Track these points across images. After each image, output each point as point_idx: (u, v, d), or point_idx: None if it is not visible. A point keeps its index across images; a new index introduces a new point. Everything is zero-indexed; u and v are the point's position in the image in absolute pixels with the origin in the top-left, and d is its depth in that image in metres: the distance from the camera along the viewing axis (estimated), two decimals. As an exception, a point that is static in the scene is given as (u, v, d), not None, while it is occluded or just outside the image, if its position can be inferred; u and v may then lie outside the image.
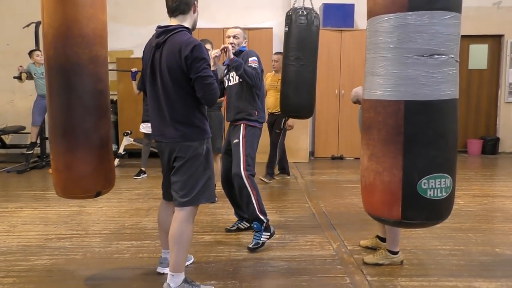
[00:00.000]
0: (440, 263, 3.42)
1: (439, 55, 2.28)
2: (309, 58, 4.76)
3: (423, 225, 2.53)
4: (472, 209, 4.85)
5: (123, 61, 8.06)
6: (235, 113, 3.77)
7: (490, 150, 8.63)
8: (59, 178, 2.91)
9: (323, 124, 8.12)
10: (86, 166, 2.85)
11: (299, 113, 4.93)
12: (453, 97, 2.36)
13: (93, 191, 2.94)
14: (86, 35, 2.76)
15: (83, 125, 2.83)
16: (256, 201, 3.63)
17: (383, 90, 2.39)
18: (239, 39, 3.82)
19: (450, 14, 2.27)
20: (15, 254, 3.61)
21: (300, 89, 4.73)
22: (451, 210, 2.50)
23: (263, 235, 3.65)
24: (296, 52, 4.71)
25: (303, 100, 4.78)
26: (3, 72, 8.41)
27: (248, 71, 3.59)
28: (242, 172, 3.63)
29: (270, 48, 8.03)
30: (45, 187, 5.98)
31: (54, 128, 2.87)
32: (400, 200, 2.37)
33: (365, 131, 2.55)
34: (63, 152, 2.84)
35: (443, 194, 2.38)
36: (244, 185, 3.62)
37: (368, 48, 2.49)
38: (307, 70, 4.75)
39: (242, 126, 3.73)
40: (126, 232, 4.11)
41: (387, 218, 2.46)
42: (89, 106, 2.84)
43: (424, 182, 2.34)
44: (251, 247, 3.60)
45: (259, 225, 3.63)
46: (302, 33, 4.71)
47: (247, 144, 3.70)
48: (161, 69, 2.73)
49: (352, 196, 5.36)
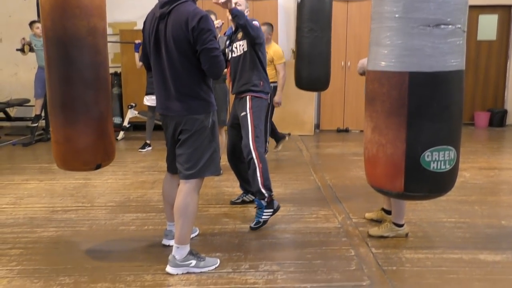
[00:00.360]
0: (445, 236, 3.42)
1: (445, 25, 2.21)
2: (323, 29, 4.67)
3: (426, 197, 2.52)
4: (478, 182, 4.82)
5: (126, 33, 7.96)
6: (240, 84, 3.71)
7: (498, 123, 8.53)
8: (59, 151, 2.90)
9: (329, 97, 8.03)
10: (86, 138, 2.84)
11: (315, 86, 4.86)
12: (459, 68, 2.31)
13: (93, 164, 2.92)
14: (84, 6, 2.69)
15: (82, 97, 2.80)
16: (260, 174, 3.58)
17: (387, 61, 2.34)
18: (241, 7, 3.69)
19: None
20: (21, 226, 3.64)
21: (315, 61, 4.65)
22: (454, 182, 2.48)
23: (265, 212, 3.56)
24: (309, 23, 4.61)
25: (318, 72, 4.71)
26: (6, 44, 8.35)
27: (250, 22, 3.49)
28: (251, 143, 3.59)
29: (275, 20, 7.88)
30: (51, 160, 5.95)
31: (53, 100, 2.84)
32: (403, 173, 2.35)
33: (368, 103, 2.51)
34: (63, 124, 2.82)
35: (447, 167, 2.36)
36: (251, 157, 3.58)
37: (373, 17, 2.43)
38: (322, 42, 4.67)
39: (248, 98, 3.66)
40: (132, 205, 4.13)
41: (390, 190, 2.45)
42: (88, 79, 2.80)
43: (427, 155, 2.31)
44: (253, 227, 3.53)
45: (259, 201, 3.57)
46: (315, 4, 4.60)
47: (254, 115, 3.64)
48: (166, 41, 2.68)
49: (358, 169, 5.34)
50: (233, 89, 3.83)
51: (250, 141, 3.59)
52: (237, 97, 3.79)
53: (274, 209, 3.62)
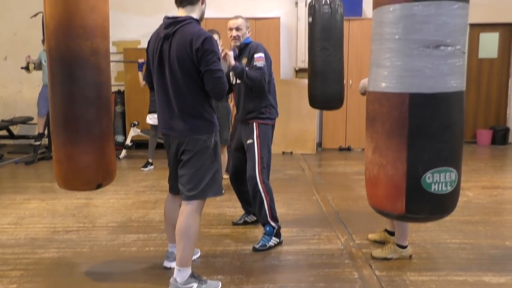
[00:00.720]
0: (449, 257, 3.39)
1: (445, 46, 2.22)
2: (336, 47, 4.68)
3: (428, 219, 2.49)
4: (481, 201, 4.79)
5: (130, 51, 8.03)
6: (246, 112, 3.65)
7: (500, 141, 8.51)
8: (60, 170, 2.90)
9: (331, 115, 8.03)
10: (87, 157, 2.84)
11: (330, 104, 4.86)
12: (459, 90, 2.31)
13: (93, 183, 2.92)
14: (88, 26, 2.72)
15: (84, 116, 2.81)
16: (268, 207, 3.54)
17: (387, 82, 2.34)
18: (242, 30, 3.63)
19: (457, 4, 2.21)
20: (22, 246, 3.62)
21: (328, 79, 4.66)
22: (456, 204, 2.46)
23: (272, 239, 3.55)
24: (322, 42, 4.63)
25: (332, 90, 4.71)
26: (11, 62, 8.42)
27: (252, 76, 3.43)
28: (257, 176, 3.53)
29: (277, 38, 7.95)
30: (53, 179, 5.90)
31: (55, 119, 2.86)
32: (404, 194, 2.33)
33: (369, 123, 2.51)
34: (64, 143, 2.83)
35: (448, 188, 2.34)
36: (258, 189, 3.53)
37: (374, 39, 2.45)
38: (335, 60, 4.68)
39: (255, 125, 3.60)
40: (133, 225, 4.11)
41: (391, 212, 2.43)
42: (90, 98, 2.81)
43: (428, 176, 2.29)
44: (256, 248, 3.50)
45: (271, 229, 3.55)
46: (326, 22, 4.62)
47: (261, 145, 3.58)
48: (170, 61, 2.70)
49: (360, 189, 5.31)
50: (238, 115, 3.77)
51: (256, 173, 3.53)
52: (243, 122, 3.73)
53: (280, 241, 3.59)
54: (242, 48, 3.65)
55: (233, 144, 3.96)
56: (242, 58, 3.65)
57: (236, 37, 3.61)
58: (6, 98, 8.77)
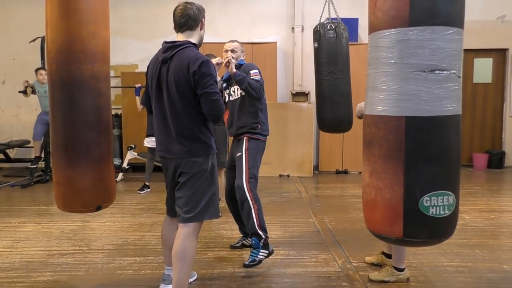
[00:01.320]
0: (447, 280, 3.37)
1: (440, 70, 2.26)
2: (343, 70, 4.76)
3: (426, 243, 2.47)
4: (478, 225, 4.79)
5: (128, 75, 8.09)
6: (237, 128, 3.75)
7: (496, 164, 8.56)
8: (59, 192, 2.92)
9: (328, 138, 8.08)
10: (87, 180, 2.86)
11: (339, 127, 4.89)
12: (455, 113, 2.34)
13: (93, 205, 2.94)
14: (89, 51, 2.78)
15: (84, 139, 2.84)
16: (256, 216, 3.55)
17: (384, 105, 2.37)
18: (237, 53, 3.78)
19: (452, 29, 2.26)
20: (17, 270, 3.58)
21: (337, 102, 4.71)
22: (454, 228, 2.45)
23: (261, 252, 3.53)
24: (328, 66, 4.70)
25: (341, 113, 4.76)
26: (9, 86, 8.47)
27: (253, 84, 3.56)
28: (245, 185, 3.58)
29: (274, 62, 8.04)
30: (49, 202, 5.97)
31: (55, 142, 2.89)
32: (401, 218, 2.33)
33: (366, 146, 2.52)
34: (64, 166, 2.85)
35: (446, 212, 2.34)
36: (245, 198, 3.56)
37: (370, 63, 2.48)
38: (342, 83, 4.74)
39: (245, 139, 3.70)
40: (129, 248, 4.08)
41: (388, 235, 2.42)
42: (90, 121, 2.85)
43: (426, 200, 2.30)
44: (247, 264, 3.51)
45: (257, 241, 3.53)
46: (332, 46, 4.70)
47: (249, 157, 3.65)
48: (168, 84, 2.73)
49: (357, 211, 5.31)
50: (230, 132, 3.86)
51: (244, 182, 3.58)
52: (235, 139, 3.83)
53: (269, 252, 3.58)
54: (237, 68, 3.69)
55: (227, 163, 3.99)
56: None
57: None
58: (3, 121, 8.80)
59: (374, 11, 2.39)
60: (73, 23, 2.73)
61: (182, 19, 2.77)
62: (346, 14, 8.09)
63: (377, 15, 2.37)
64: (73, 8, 2.72)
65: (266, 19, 8.53)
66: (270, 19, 8.54)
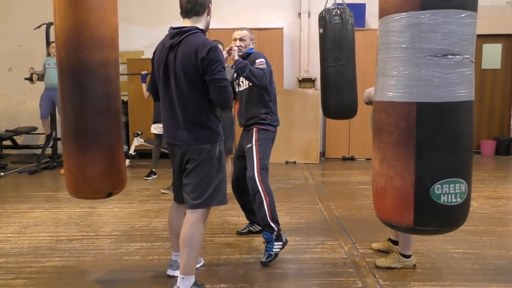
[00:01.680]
0: (454, 267, 3.37)
1: (453, 55, 2.20)
2: (348, 57, 4.71)
3: (437, 232, 2.43)
4: (486, 212, 4.78)
5: (133, 62, 8.07)
6: (247, 118, 3.68)
7: (504, 151, 8.50)
8: (71, 179, 2.93)
9: (334, 125, 8.04)
10: (97, 167, 2.87)
11: (344, 114, 4.87)
12: (468, 99, 2.28)
13: (104, 192, 2.95)
14: (97, 37, 2.76)
15: (94, 126, 2.84)
16: (268, 208, 3.48)
17: (394, 91, 2.31)
18: (246, 41, 3.70)
19: (465, 12, 2.19)
20: (26, 255, 3.61)
21: (343, 89, 4.68)
22: (466, 216, 2.40)
23: (275, 245, 3.46)
24: (334, 53, 4.65)
25: (346, 100, 4.73)
26: (15, 73, 8.47)
27: (254, 71, 3.46)
28: (256, 176, 3.51)
29: (280, 48, 7.99)
30: (56, 188, 6.00)
31: (66, 129, 2.89)
32: (412, 206, 2.28)
33: (376, 134, 2.48)
34: (75, 153, 2.86)
35: (458, 200, 2.29)
36: (257, 190, 3.50)
37: (380, 48, 2.43)
38: (347, 70, 4.70)
39: (254, 130, 3.63)
40: (136, 234, 4.11)
41: (399, 224, 2.37)
42: (100, 108, 2.84)
43: (437, 187, 2.25)
44: (264, 261, 3.40)
45: (269, 234, 3.47)
46: (338, 33, 4.64)
47: (260, 148, 3.58)
48: (175, 71, 2.71)
49: (364, 198, 5.31)
50: (240, 122, 3.80)
51: (255, 173, 3.51)
52: (244, 129, 3.77)
53: (283, 243, 3.53)
54: (245, 57, 3.66)
55: (235, 153, 3.96)
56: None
57: (239, 47, 3.64)
58: (10, 108, 8.82)
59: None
60: (81, 9, 2.70)
61: (189, 5, 2.74)
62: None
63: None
64: (80, -6, 2.69)
65: (272, 4, 8.45)
66: (276, 5, 8.46)
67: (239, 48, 3.64)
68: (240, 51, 3.64)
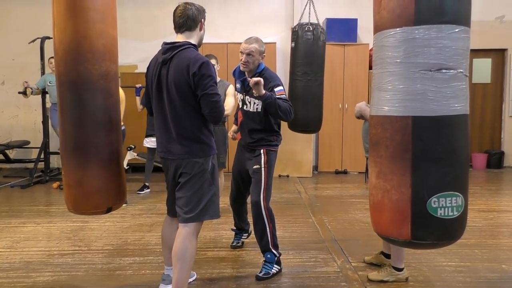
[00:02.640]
0: (446, 280, 3.38)
1: (447, 69, 2.23)
2: (317, 72, 4.77)
3: (435, 245, 2.41)
4: (477, 225, 4.80)
5: (127, 75, 8.09)
6: (253, 140, 3.57)
7: (495, 164, 8.58)
8: (70, 194, 2.90)
9: (327, 138, 8.10)
10: (97, 181, 2.84)
11: (308, 128, 4.92)
12: (463, 113, 2.30)
13: (104, 207, 2.92)
14: (96, 50, 2.77)
15: (93, 140, 2.82)
16: (270, 235, 3.45)
17: (390, 105, 2.33)
18: (254, 56, 3.40)
19: (459, 27, 2.22)
20: (17, 270, 3.59)
21: (309, 103, 4.73)
22: (464, 229, 2.40)
23: (274, 267, 3.46)
24: (303, 67, 4.72)
25: (311, 114, 4.77)
26: (8, 87, 8.47)
27: (282, 107, 3.26)
28: (262, 202, 3.44)
29: (273, 63, 8.05)
30: (48, 202, 5.97)
31: (65, 143, 2.87)
32: (409, 220, 2.28)
33: (372, 148, 2.49)
34: (74, 167, 2.84)
35: (455, 213, 2.29)
36: (261, 216, 3.43)
37: (375, 63, 2.45)
38: (315, 85, 4.76)
39: (262, 152, 3.54)
40: (129, 248, 4.09)
41: (396, 238, 2.36)
42: (100, 121, 2.83)
43: (434, 201, 2.25)
44: (260, 276, 3.38)
45: (272, 256, 3.46)
46: (308, 48, 4.71)
47: (269, 172, 3.53)
48: (168, 85, 2.73)
49: (356, 211, 5.33)
50: (243, 139, 3.69)
51: (261, 199, 3.45)
52: (247, 147, 3.65)
53: (280, 268, 3.51)
54: (254, 75, 3.44)
55: (234, 171, 3.87)
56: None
57: (245, 63, 3.42)
58: (3, 122, 8.79)
59: (379, 10, 2.35)
60: (80, 22, 2.72)
61: (181, 20, 2.78)
62: (345, 14, 8.13)
63: (382, 14, 2.33)
64: (80, 7, 2.71)
65: (265, 19, 8.54)
66: (269, 20, 8.55)
67: (246, 64, 3.42)
68: (247, 67, 3.43)
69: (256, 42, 3.42)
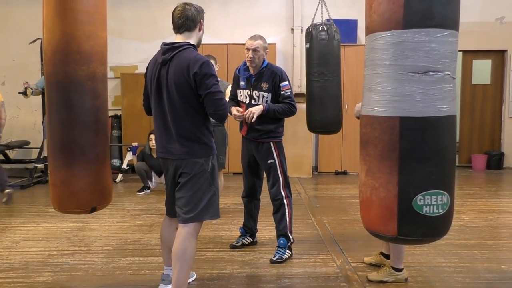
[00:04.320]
0: (445, 281, 3.38)
1: (434, 72, 2.28)
2: (333, 72, 4.75)
3: (420, 241, 2.50)
4: (477, 225, 4.81)
5: (127, 76, 8.11)
6: (260, 133, 3.72)
7: (495, 165, 8.57)
8: (55, 193, 2.92)
9: (327, 139, 8.10)
10: (81, 181, 2.85)
11: (328, 129, 4.90)
12: (449, 114, 2.36)
13: (87, 207, 2.93)
14: (84, 51, 2.77)
15: (79, 140, 2.83)
16: (289, 220, 3.76)
17: (379, 106, 2.40)
18: (259, 52, 3.64)
19: (446, 31, 2.28)
20: (17, 270, 3.59)
21: (327, 104, 4.72)
22: (448, 227, 2.48)
23: (287, 252, 3.75)
24: (319, 68, 4.70)
25: (330, 115, 4.77)
26: (9, 87, 8.47)
27: (281, 111, 3.64)
28: (283, 192, 3.75)
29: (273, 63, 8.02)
30: (48, 203, 5.91)
31: (52, 143, 2.89)
32: (395, 216, 2.36)
33: (362, 146, 2.56)
34: (60, 167, 2.85)
35: (440, 211, 2.36)
36: (283, 204, 3.75)
37: (366, 64, 2.52)
38: (332, 85, 4.74)
39: (272, 145, 3.74)
40: (129, 248, 4.10)
41: (383, 233, 2.45)
42: (86, 122, 2.84)
43: (419, 199, 2.32)
44: (274, 260, 3.68)
45: (285, 241, 3.74)
46: (323, 48, 4.70)
47: (282, 163, 3.76)
48: (168, 86, 2.74)
49: (356, 212, 5.33)
50: (248, 133, 3.79)
51: (281, 190, 3.75)
52: (253, 141, 3.78)
53: (291, 254, 3.79)
54: (260, 72, 3.70)
55: (243, 163, 3.95)
56: (261, 82, 3.68)
57: (252, 59, 3.63)
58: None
59: (370, 13, 2.42)
60: (69, 23, 2.72)
61: (181, 20, 2.79)
62: (345, 15, 8.13)
63: (373, 18, 2.40)
64: (69, 8, 2.72)
65: (265, 20, 8.54)
66: (269, 20, 8.55)
67: (252, 60, 3.63)
68: (253, 62, 3.65)
69: (260, 38, 3.68)
